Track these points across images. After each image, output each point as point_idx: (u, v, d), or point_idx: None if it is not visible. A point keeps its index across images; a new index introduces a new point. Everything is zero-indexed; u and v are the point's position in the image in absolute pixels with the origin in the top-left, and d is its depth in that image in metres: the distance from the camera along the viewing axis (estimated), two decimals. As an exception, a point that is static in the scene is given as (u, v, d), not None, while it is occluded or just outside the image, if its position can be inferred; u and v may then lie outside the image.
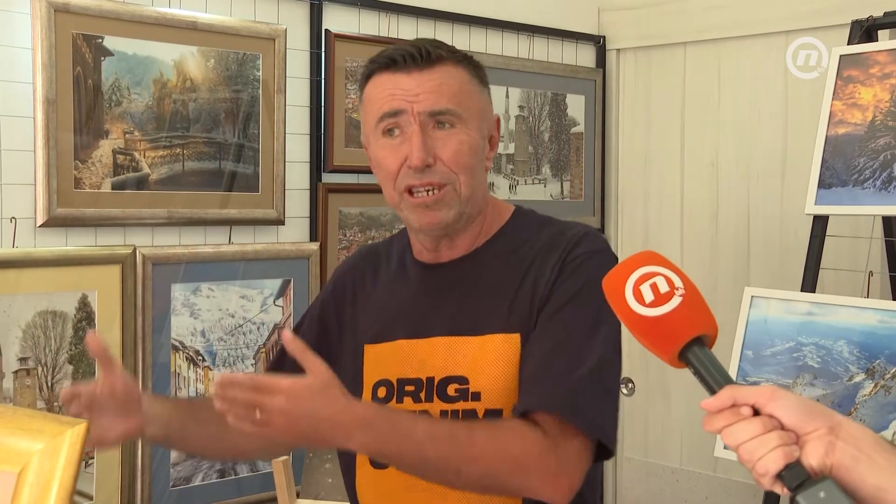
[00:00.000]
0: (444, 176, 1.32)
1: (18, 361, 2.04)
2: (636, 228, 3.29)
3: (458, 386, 1.34)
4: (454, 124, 1.33)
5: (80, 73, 2.13)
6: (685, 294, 0.95)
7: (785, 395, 0.88)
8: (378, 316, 1.44)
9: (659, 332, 0.95)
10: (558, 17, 3.16)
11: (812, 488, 0.82)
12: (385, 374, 1.40)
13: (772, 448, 0.85)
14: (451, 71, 1.34)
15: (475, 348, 1.34)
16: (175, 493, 2.30)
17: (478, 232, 1.41)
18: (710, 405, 0.89)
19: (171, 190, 2.29)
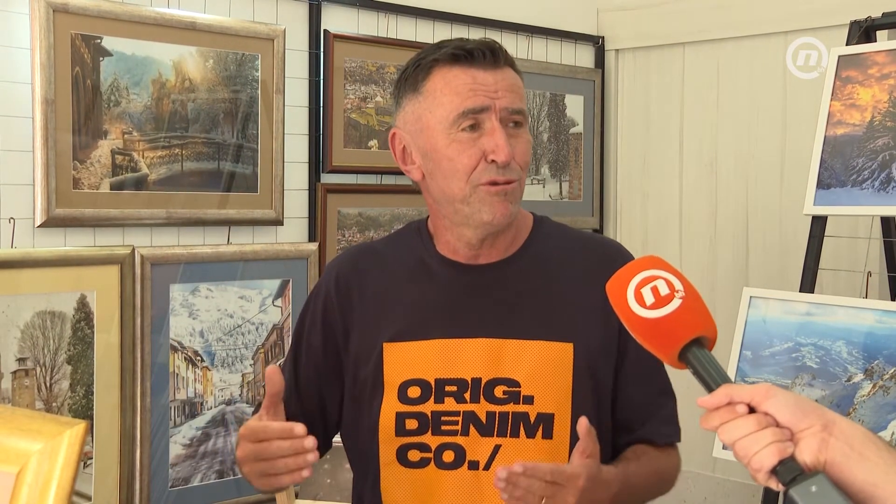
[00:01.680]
0: (517, 173, 1.37)
1: (17, 362, 2.04)
2: (635, 229, 3.29)
3: (506, 388, 1.36)
4: (522, 124, 1.38)
5: (79, 73, 2.13)
6: (685, 297, 0.98)
7: (780, 393, 0.91)
8: (400, 314, 1.41)
9: (659, 333, 0.98)
10: (557, 17, 3.16)
11: (804, 483, 0.84)
12: (417, 373, 1.38)
13: (766, 444, 0.87)
14: (512, 75, 1.39)
15: (525, 352, 1.37)
16: (174, 493, 2.30)
17: (514, 235, 1.44)
18: (708, 402, 0.92)
19: (170, 190, 2.29)
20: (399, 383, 1.38)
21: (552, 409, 1.35)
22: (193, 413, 2.33)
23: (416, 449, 1.37)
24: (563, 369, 1.36)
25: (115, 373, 2.19)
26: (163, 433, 2.28)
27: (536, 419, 1.35)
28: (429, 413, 1.36)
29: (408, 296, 1.43)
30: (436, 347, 1.38)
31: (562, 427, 1.35)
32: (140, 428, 2.23)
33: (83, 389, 2.15)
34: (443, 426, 1.36)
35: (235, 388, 2.40)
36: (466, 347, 1.37)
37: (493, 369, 1.36)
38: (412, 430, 1.37)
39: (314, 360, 1.48)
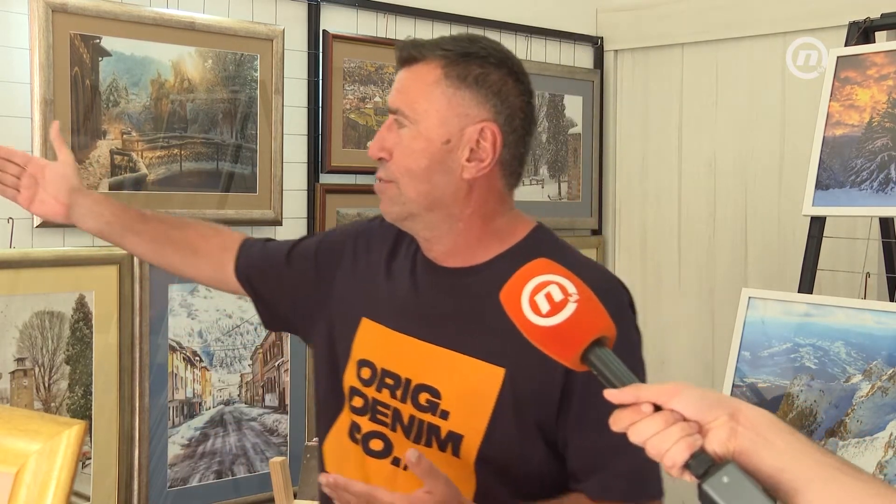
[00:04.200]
0: (390, 173, 1.33)
1: (15, 362, 2.04)
2: (633, 230, 3.29)
3: (429, 397, 1.33)
4: (404, 125, 1.32)
5: (78, 73, 2.13)
6: (579, 299, 0.97)
7: (686, 389, 0.92)
8: (383, 294, 1.42)
9: (559, 339, 0.97)
10: (556, 17, 3.16)
11: (716, 474, 0.86)
12: (372, 356, 1.40)
13: (675, 441, 0.88)
14: (423, 70, 1.32)
15: (455, 366, 1.32)
16: (172, 493, 2.30)
17: (473, 243, 1.36)
18: (614, 396, 0.93)
19: (169, 190, 2.29)
20: (358, 359, 1.41)
21: (463, 431, 1.30)
22: (192, 413, 2.33)
23: (356, 429, 1.40)
24: (487, 393, 1.29)
25: (114, 373, 2.19)
26: (161, 433, 2.28)
27: (447, 436, 1.31)
28: (370, 398, 1.38)
29: (390, 278, 1.44)
30: (388, 336, 1.39)
31: (468, 451, 1.30)
32: (138, 428, 2.23)
33: (81, 389, 2.14)
34: (378, 415, 1.37)
35: (234, 388, 2.40)
36: (408, 345, 1.36)
37: (423, 375, 1.34)
38: (357, 408, 1.40)
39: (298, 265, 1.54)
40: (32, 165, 1.63)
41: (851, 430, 1.94)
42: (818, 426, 2.00)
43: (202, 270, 1.65)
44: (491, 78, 1.32)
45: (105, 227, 1.61)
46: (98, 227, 1.62)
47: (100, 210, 1.61)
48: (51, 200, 1.61)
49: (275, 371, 2.46)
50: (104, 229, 1.62)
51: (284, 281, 1.55)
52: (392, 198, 1.34)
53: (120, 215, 1.62)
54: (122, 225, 1.61)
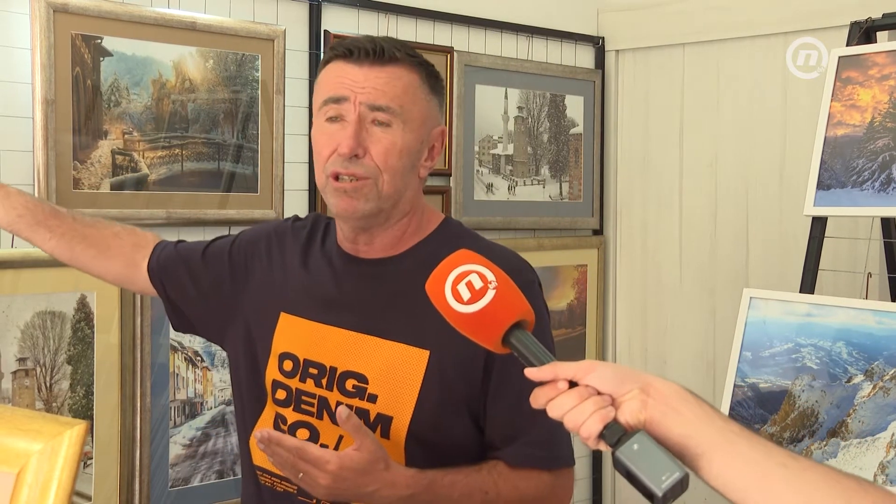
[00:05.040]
0: (369, 170, 1.36)
1: (17, 362, 2.04)
2: (635, 229, 3.29)
3: (356, 383, 1.39)
4: (390, 124, 1.36)
5: (80, 73, 2.13)
6: (498, 286, 1.04)
7: (601, 366, 0.99)
8: (301, 288, 1.48)
9: (481, 324, 1.04)
10: (557, 17, 3.16)
11: (627, 442, 0.93)
12: (294, 348, 1.45)
13: (590, 413, 0.95)
14: (402, 72, 1.38)
15: (380, 351, 1.38)
16: (174, 493, 2.30)
17: (400, 235, 1.44)
18: (535, 374, 0.99)
19: (170, 190, 2.29)
20: (279, 352, 1.46)
21: (392, 412, 1.36)
22: (193, 413, 2.33)
23: (281, 420, 1.45)
24: (413, 375, 1.36)
25: (115, 373, 2.19)
26: (163, 433, 2.28)
27: (376, 418, 1.37)
28: (294, 389, 1.44)
29: (307, 273, 1.49)
30: (308, 328, 1.44)
31: (398, 431, 1.36)
32: (140, 428, 2.23)
33: (83, 389, 2.14)
34: (302, 405, 1.43)
35: (235, 388, 2.40)
36: (331, 335, 1.42)
37: (348, 362, 1.40)
38: (280, 400, 1.45)
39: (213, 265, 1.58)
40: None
41: (853, 430, 1.94)
42: (820, 426, 2.00)
43: (112, 268, 1.66)
44: (440, 87, 1.46)
45: (16, 220, 1.59)
46: (9, 219, 1.59)
47: (12, 202, 1.59)
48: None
49: (276, 371, 2.47)
50: (15, 222, 1.59)
51: (198, 281, 1.59)
52: (367, 195, 1.37)
53: (32, 209, 1.60)
54: (34, 219, 1.59)
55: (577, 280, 3.22)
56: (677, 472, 0.92)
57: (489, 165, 2.97)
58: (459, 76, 2.85)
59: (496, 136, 2.99)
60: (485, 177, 2.96)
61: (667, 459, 0.92)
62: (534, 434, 1.36)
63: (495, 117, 2.98)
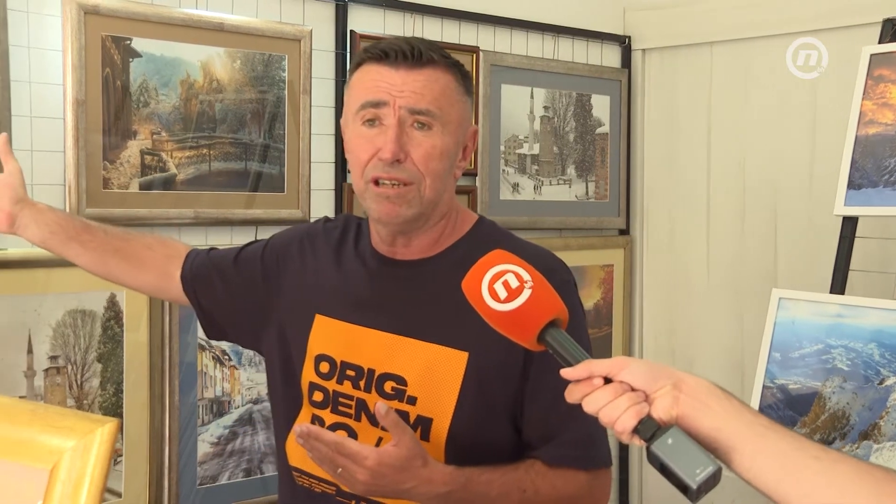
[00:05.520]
0: (412, 175, 1.36)
1: (49, 360, 2.06)
2: (661, 229, 3.27)
3: (395, 385, 1.39)
4: (431, 126, 1.35)
5: (109, 74, 2.15)
6: (534, 286, 1.07)
7: (634, 362, 1.01)
8: (335, 290, 1.47)
9: (517, 322, 1.07)
10: (583, 17, 3.15)
11: (662, 437, 0.95)
12: (330, 350, 1.44)
13: (624, 409, 0.97)
14: (439, 74, 1.37)
15: (419, 353, 1.38)
16: (202, 491, 2.31)
17: (437, 237, 1.44)
18: (570, 374, 1.02)
19: (198, 190, 2.30)
20: (315, 355, 1.46)
21: (432, 414, 1.36)
22: (221, 412, 2.35)
23: (318, 422, 1.44)
24: (452, 376, 1.36)
25: (144, 371, 2.21)
26: (191, 431, 2.29)
27: (415, 420, 1.37)
28: (331, 391, 1.43)
29: (341, 275, 1.48)
30: (344, 330, 1.44)
31: (438, 433, 1.36)
32: (169, 426, 2.25)
33: (113, 387, 2.16)
34: (340, 407, 1.43)
35: (262, 387, 2.41)
36: (369, 337, 1.42)
37: (387, 364, 1.40)
38: (317, 402, 1.45)
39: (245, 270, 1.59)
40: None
41: (886, 433, 1.92)
42: (851, 429, 1.98)
43: (146, 280, 1.67)
44: (471, 87, 1.46)
45: (49, 236, 1.61)
46: (42, 236, 1.61)
47: (45, 219, 1.61)
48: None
49: (303, 370, 2.47)
50: (48, 239, 1.62)
51: (230, 287, 1.59)
52: (411, 200, 1.36)
53: (64, 225, 1.62)
54: (66, 234, 1.62)
55: (603, 280, 3.21)
56: (711, 465, 0.94)
57: (515, 165, 2.97)
58: (485, 76, 2.85)
59: (522, 135, 2.98)
60: (511, 176, 2.96)
61: (700, 453, 0.94)
62: (571, 434, 1.36)
63: (521, 117, 2.98)
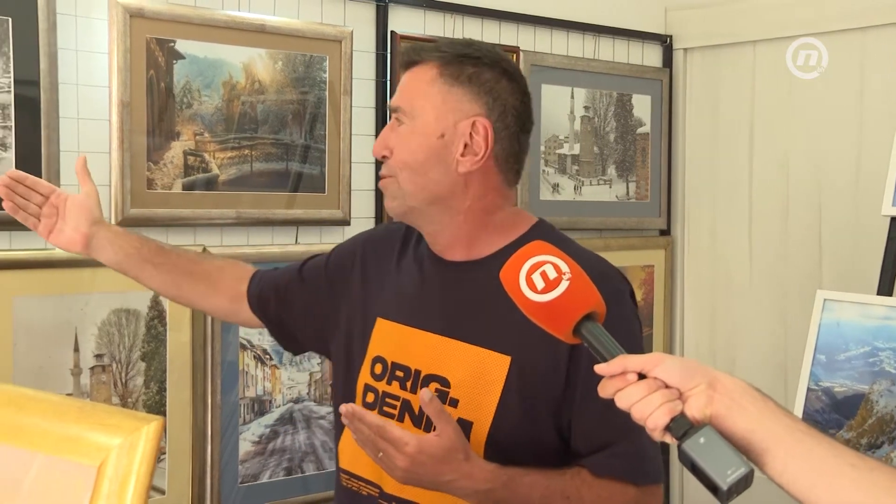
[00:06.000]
0: (390, 169, 1.41)
1: (94, 358, 2.10)
2: (703, 230, 3.24)
3: (438, 386, 1.39)
4: (403, 121, 1.40)
5: (154, 76, 2.18)
6: (572, 277, 1.06)
7: (669, 359, 0.99)
8: (395, 293, 1.49)
9: (553, 314, 1.06)
10: (624, 16, 3.13)
11: (694, 436, 0.94)
12: (384, 352, 1.46)
13: (657, 406, 0.96)
14: (420, 71, 1.40)
15: (463, 355, 1.37)
16: (243, 489, 2.33)
17: (466, 235, 1.42)
18: (604, 370, 1.00)
19: (239, 190, 2.33)
20: (373, 357, 1.47)
21: (472, 418, 1.35)
22: (262, 411, 2.36)
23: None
24: (494, 380, 1.34)
25: (187, 370, 2.23)
26: (232, 430, 2.31)
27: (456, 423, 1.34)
28: (381, 391, 1.44)
29: (401, 277, 1.50)
30: (398, 331, 1.45)
31: (478, 436, 1.35)
32: (211, 424, 2.27)
33: (156, 386, 2.19)
34: (385, 407, 1.43)
35: (303, 386, 2.42)
36: (417, 338, 1.42)
37: (432, 365, 1.39)
38: (368, 403, 1.46)
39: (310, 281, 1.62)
40: (55, 196, 1.65)
41: (934, 437, 1.88)
42: (898, 432, 1.94)
43: (218, 303, 1.70)
44: (484, 76, 1.39)
45: (124, 259, 1.64)
46: (117, 258, 1.64)
47: (120, 242, 1.64)
48: (70, 231, 1.63)
49: (343, 370, 2.48)
50: (123, 261, 1.65)
51: (298, 300, 1.62)
52: (392, 193, 1.41)
53: (138, 247, 1.65)
54: (140, 257, 1.64)
55: (643, 281, 3.18)
56: (743, 467, 0.92)
57: (555, 165, 2.95)
58: (526, 76, 2.82)
59: (562, 135, 2.97)
60: (551, 177, 2.94)
61: (732, 454, 0.93)
62: (622, 446, 1.32)
63: (561, 117, 2.97)
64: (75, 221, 1.63)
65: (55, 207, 1.64)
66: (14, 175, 1.64)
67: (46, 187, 1.66)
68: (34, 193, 1.65)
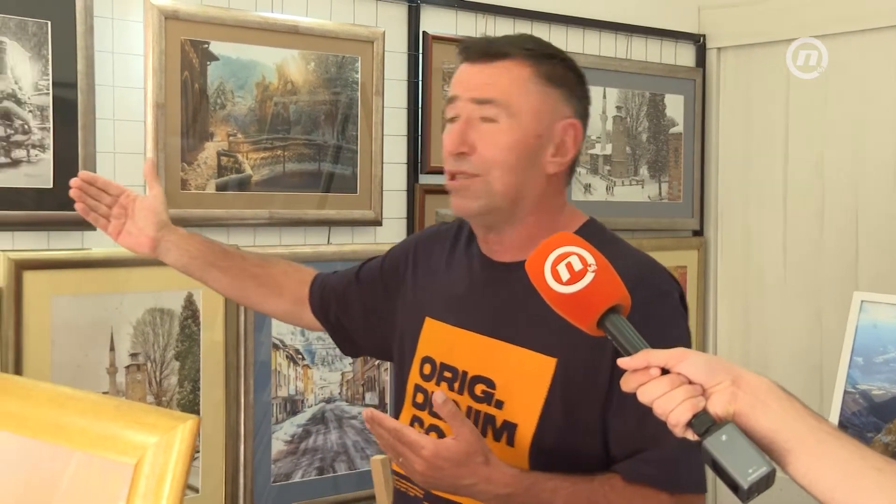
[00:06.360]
0: (477, 167, 1.36)
1: (130, 357, 2.12)
2: (736, 230, 3.21)
3: (485, 388, 1.38)
4: (498, 119, 1.35)
5: (188, 77, 2.19)
6: (597, 270, 1.05)
7: (693, 355, 0.98)
8: (444, 293, 1.48)
9: (577, 305, 1.05)
10: (657, 15, 3.11)
11: (716, 433, 0.93)
12: (433, 352, 1.45)
13: (680, 401, 0.95)
14: (512, 66, 1.36)
15: (509, 357, 1.36)
16: (276, 488, 2.35)
17: (528, 235, 1.39)
18: (627, 363, 1.00)
19: (272, 191, 2.34)
20: (422, 357, 1.46)
21: (517, 420, 1.33)
22: (294, 410, 2.37)
23: (417, 423, 1.44)
24: (539, 382, 1.33)
25: (220, 369, 2.25)
26: (265, 429, 2.32)
27: (502, 425, 1.35)
28: (430, 392, 1.43)
29: (450, 277, 1.49)
30: (446, 332, 1.44)
31: (523, 439, 1.33)
32: (244, 424, 2.28)
33: (190, 385, 2.21)
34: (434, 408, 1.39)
35: (335, 386, 2.43)
36: (465, 339, 1.41)
37: (479, 366, 1.38)
38: (419, 404, 1.46)
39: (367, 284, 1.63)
40: (124, 197, 1.67)
41: (975, 441, 1.85)
42: (938, 436, 1.91)
43: (282, 306, 1.71)
44: (570, 78, 1.40)
45: (190, 261, 1.66)
46: (183, 261, 1.66)
47: (186, 245, 1.66)
48: (137, 233, 1.65)
49: (375, 370, 2.49)
50: (189, 264, 1.67)
51: (356, 303, 1.63)
52: (477, 192, 1.36)
53: (204, 250, 1.67)
54: (205, 260, 1.66)
55: (676, 282, 3.16)
56: (764, 466, 0.91)
57: (587, 165, 2.94)
58: (557, 76, 2.82)
59: (594, 135, 2.96)
60: (583, 177, 2.93)
61: (754, 453, 0.92)
62: (656, 451, 1.28)
63: (594, 117, 2.93)
64: (143, 224, 1.65)
65: (124, 208, 1.66)
66: (86, 177, 1.66)
67: (116, 188, 1.68)
68: (104, 194, 1.67)
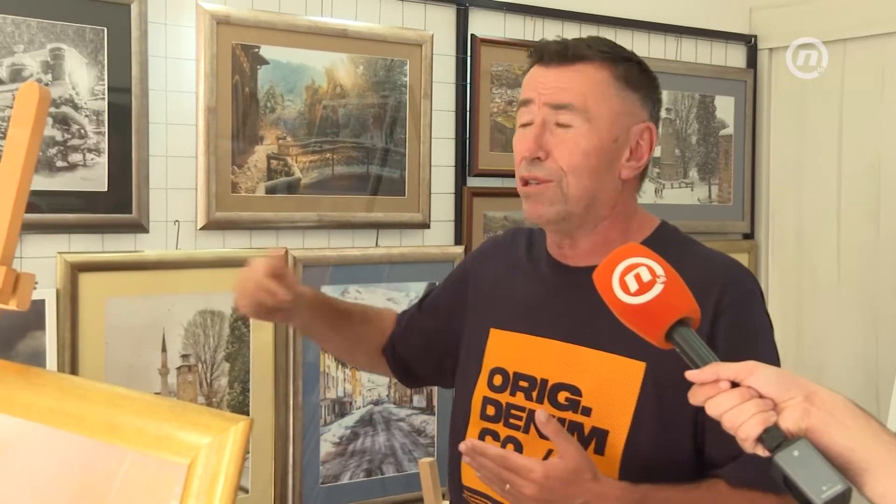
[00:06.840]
0: (552, 172, 1.33)
1: (181, 358, 2.14)
2: (787, 234, 3.15)
3: (569, 395, 1.34)
4: (573, 123, 1.32)
5: (239, 81, 2.22)
6: (666, 281, 1.03)
7: (764, 368, 0.96)
8: (509, 302, 1.45)
9: (645, 317, 1.03)
10: (707, 16, 3.07)
11: (788, 448, 0.90)
12: (503, 363, 1.42)
13: (751, 415, 0.93)
14: (590, 70, 1.33)
15: (594, 363, 1.33)
16: (324, 489, 2.36)
17: (602, 240, 1.36)
18: (696, 377, 0.98)
19: (321, 194, 2.35)
20: (490, 368, 1.43)
21: (608, 426, 1.30)
22: (343, 412, 2.39)
23: (490, 435, 1.40)
24: (629, 387, 1.29)
25: (269, 371, 2.27)
26: (314, 431, 2.34)
27: (590, 433, 1.31)
28: (504, 403, 1.39)
29: (514, 286, 1.46)
30: (517, 340, 1.41)
31: (614, 446, 1.29)
32: (293, 425, 2.30)
33: (240, 386, 2.23)
34: (511, 419, 1.38)
35: (383, 388, 2.44)
36: (542, 346, 1.38)
37: (561, 374, 1.35)
38: (490, 416, 1.41)
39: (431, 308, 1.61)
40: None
41: None
42: None
43: (384, 367, 1.67)
44: (646, 81, 1.38)
45: (311, 322, 1.57)
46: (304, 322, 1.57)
47: (311, 304, 1.54)
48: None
49: (422, 372, 2.49)
50: (308, 325, 1.58)
51: (415, 330, 1.60)
52: (552, 197, 1.33)
53: (326, 311, 1.57)
54: (327, 321, 1.57)
55: (726, 286, 3.11)
56: (839, 484, 0.88)
57: (636, 168, 2.91)
58: (606, 78, 2.80)
59: (643, 137, 2.93)
60: (631, 179, 2.90)
61: (829, 470, 0.89)
62: (754, 455, 1.27)
63: (642, 119, 2.92)
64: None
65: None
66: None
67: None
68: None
